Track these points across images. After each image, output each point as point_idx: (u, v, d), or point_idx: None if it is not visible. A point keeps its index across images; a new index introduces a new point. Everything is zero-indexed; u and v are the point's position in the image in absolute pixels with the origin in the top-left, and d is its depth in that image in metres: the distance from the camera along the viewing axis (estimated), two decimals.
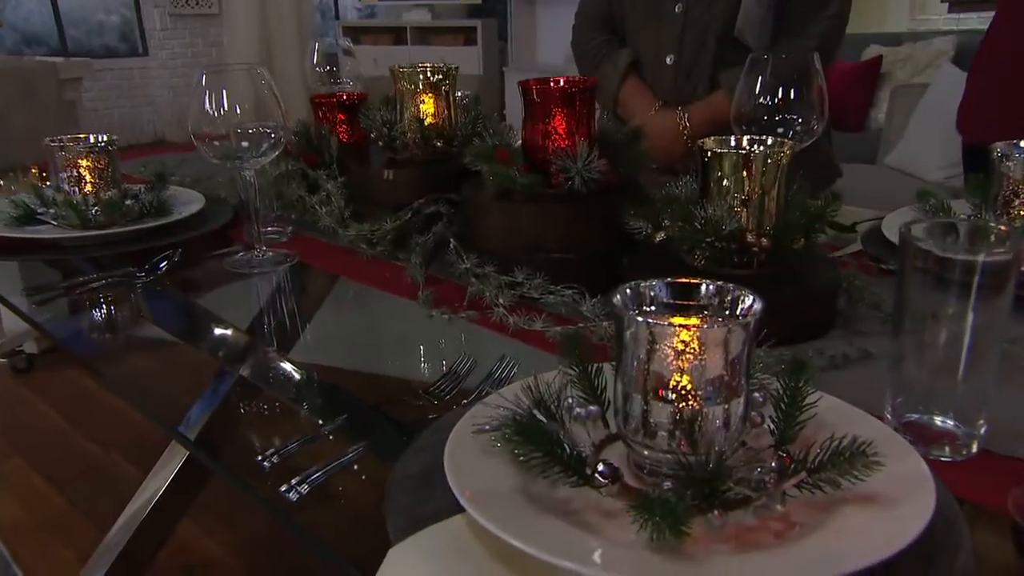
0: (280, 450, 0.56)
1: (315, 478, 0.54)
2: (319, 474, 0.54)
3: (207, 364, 0.77)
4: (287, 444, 0.57)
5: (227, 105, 0.88)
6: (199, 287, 0.97)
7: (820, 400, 0.53)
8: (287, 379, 0.72)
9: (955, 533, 0.45)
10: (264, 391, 0.70)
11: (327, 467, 0.54)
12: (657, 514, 0.41)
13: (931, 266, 0.53)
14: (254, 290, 0.94)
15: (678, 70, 1.39)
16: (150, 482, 1.43)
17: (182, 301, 0.93)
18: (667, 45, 1.40)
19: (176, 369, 0.78)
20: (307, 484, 0.53)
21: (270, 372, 0.73)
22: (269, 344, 0.80)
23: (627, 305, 0.49)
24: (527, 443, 0.46)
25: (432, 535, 0.43)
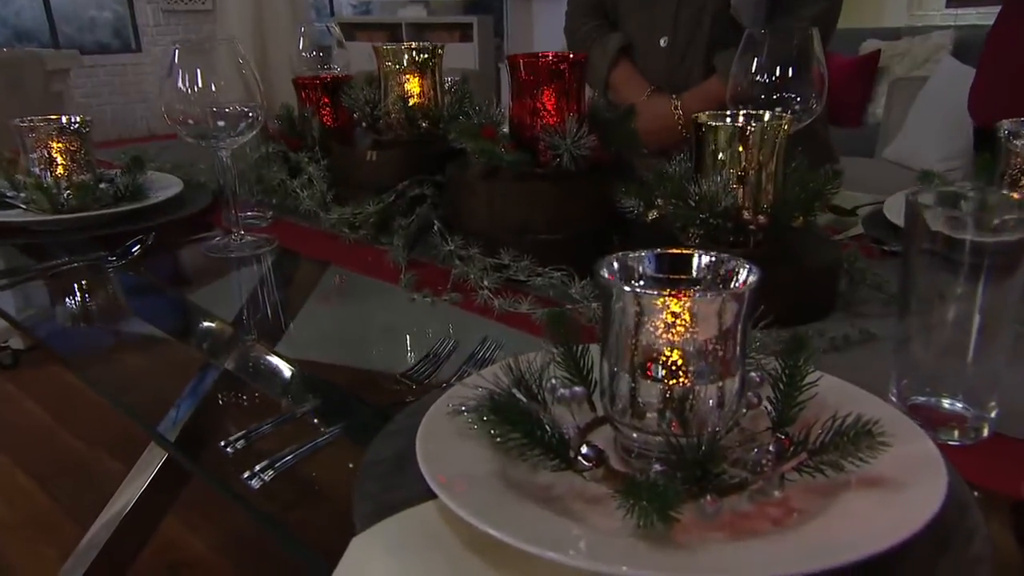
0: (246, 435, 0.53)
1: (281, 464, 0.50)
2: (286, 460, 0.50)
3: (182, 352, 0.73)
4: (253, 428, 0.53)
5: (201, 83, 0.84)
6: (175, 273, 0.93)
7: (821, 380, 0.50)
8: (262, 366, 0.68)
9: (968, 519, 0.41)
10: (240, 379, 0.66)
11: (294, 452, 0.51)
12: (644, 498, 0.37)
13: (939, 244, 0.50)
14: (231, 276, 0.90)
15: (672, 52, 1.36)
16: (132, 479, 1.39)
17: (158, 288, 0.89)
18: (660, 27, 1.37)
19: (152, 360, 0.74)
20: (272, 470, 0.50)
21: (246, 360, 0.70)
22: (245, 331, 0.76)
23: (613, 275, 0.45)
24: (504, 423, 0.42)
25: (399, 523, 0.40)
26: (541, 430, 0.43)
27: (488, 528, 0.37)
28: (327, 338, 0.72)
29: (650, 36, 1.39)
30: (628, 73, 1.39)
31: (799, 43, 0.91)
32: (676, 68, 1.35)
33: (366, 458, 0.48)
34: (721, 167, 0.71)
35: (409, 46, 0.99)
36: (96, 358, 0.77)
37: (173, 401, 0.62)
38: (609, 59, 1.39)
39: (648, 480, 0.39)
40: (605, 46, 1.40)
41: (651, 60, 1.39)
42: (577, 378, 0.50)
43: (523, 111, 0.83)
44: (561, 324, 0.52)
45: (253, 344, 0.71)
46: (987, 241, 0.49)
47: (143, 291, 0.88)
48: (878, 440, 0.41)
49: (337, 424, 0.55)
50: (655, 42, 1.38)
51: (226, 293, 0.86)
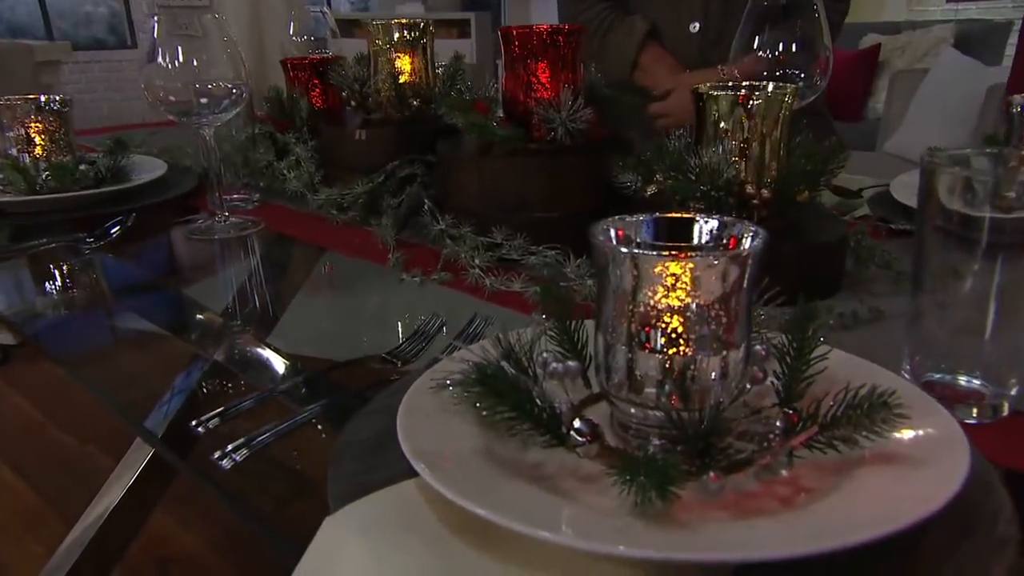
0: (221, 413, 0.50)
1: (256, 444, 0.47)
2: (261, 439, 0.47)
3: (167, 342, 0.70)
4: (231, 406, 0.50)
5: (182, 58, 0.81)
6: (157, 256, 0.90)
7: (831, 354, 0.47)
8: (249, 354, 0.64)
9: (993, 498, 0.38)
10: (228, 369, 0.62)
11: (269, 432, 0.47)
12: (642, 474, 0.34)
13: (955, 219, 0.47)
14: (215, 259, 0.87)
15: (704, 37, 1.31)
16: (119, 474, 1.36)
17: (140, 272, 0.86)
18: (688, 12, 1.33)
19: (137, 351, 0.70)
20: (246, 449, 0.47)
21: (233, 349, 0.66)
22: (227, 314, 0.73)
23: (609, 240, 0.42)
24: (491, 395, 0.39)
25: (375, 503, 0.37)
26: (531, 403, 0.40)
27: (472, 506, 0.34)
28: (312, 321, 0.69)
29: (678, 21, 1.34)
30: (659, 54, 1.34)
31: (803, 17, 0.88)
32: (710, 52, 1.30)
33: (343, 438, 0.45)
34: (723, 139, 0.68)
35: (400, 22, 0.95)
36: (80, 352, 0.73)
37: (161, 394, 0.58)
38: (637, 40, 1.33)
39: (646, 455, 0.36)
40: (631, 27, 1.35)
41: (682, 46, 1.33)
42: (571, 352, 0.47)
43: (516, 85, 0.80)
44: (554, 296, 0.49)
45: (238, 331, 0.68)
46: (1005, 217, 0.46)
47: (124, 275, 0.85)
48: (895, 413, 0.38)
49: (317, 403, 0.52)
50: (684, 27, 1.33)
51: (209, 277, 0.83)
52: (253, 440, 0.47)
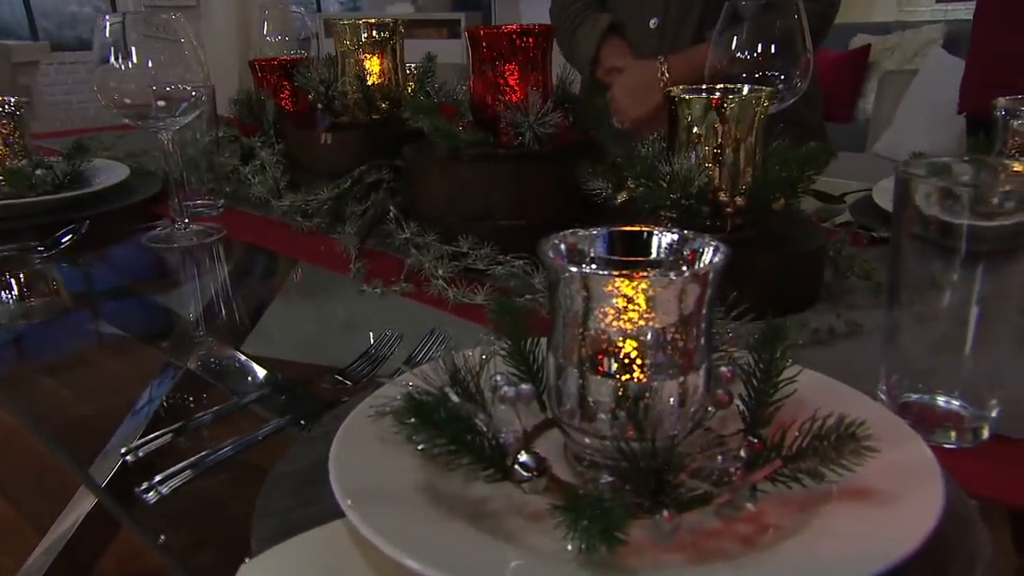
0: (147, 443, 0.46)
1: (185, 475, 0.44)
2: (189, 471, 0.44)
3: (114, 349, 0.67)
4: (153, 436, 0.47)
5: (136, 59, 0.78)
6: (109, 265, 0.86)
7: (800, 375, 0.44)
8: (215, 363, 0.61)
9: (970, 537, 0.36)
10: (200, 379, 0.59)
11: (198, 462, 0.44)
12: (586, 516, 0.31)
13: (932, 227, 0.44)
14: (170, 267, 0.84)
15: (663, 34, 1.31)
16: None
17: (87, 281, 0.83)
18: (650, 8, 1.32)
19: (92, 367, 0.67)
20: (177, 479, 0.44)
21: (185, 356, 0.63)
22: (177, 324, 0.69)
23: (560, 256, 0.39)
24: (428, 427, 0.36)
25: (300, 546, 0.33)
26: (472, 434, 0.37)
27: (402, 555, 0.31)
28: (264, 337, 0.66)
29: (640, 17, 1.34)
30: (618, 47, 1.34)
31: (783, 17, 0.85)
32: (667, 49, 1.30)
33: (277, 468, 0.42)
34: (695, 145, 0.65)
35: (368, 22, 0.92)
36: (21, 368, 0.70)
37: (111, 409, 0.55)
38: (598, 35, 1.34)
39: (592, 494, 0.33)
40: (595, 23, 1.36)
41: (641, 41, 1.34)
42: (526, 374, 0.44)
43: (484, 88, 0.77)
44: (509, 313, 0.45)
45: (178, 336, 0.65)
46: (985, 225, 0.43)
47: (74, 284, 0.81)
48: (863, 444, 0.35)
49: (251, 431, 0.48)
50: (645, 23, 1.34)
51: (162, 288, 0.80)
52: (179, 473, 0.44)
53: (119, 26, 0.78)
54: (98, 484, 0.45)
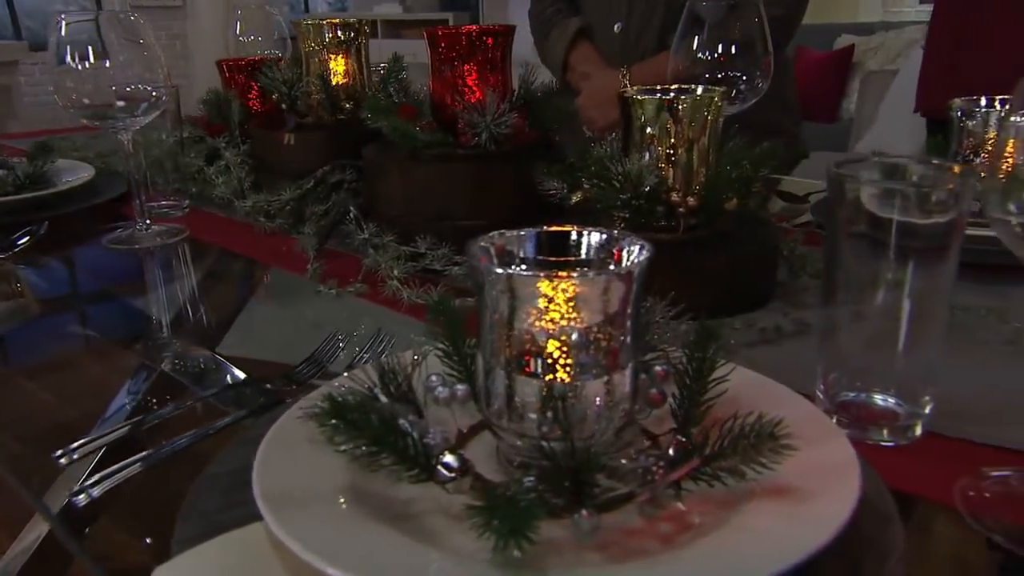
0: (81, 446, 0.46)
1: (117, 477, 0.44)
2: (122, 473, 0.44)
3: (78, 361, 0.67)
4: (87, 439, 0.47)
5: (93, 58, 0.77)
6: (70, 266, 0.86)
7: (736, 375, 0.44)
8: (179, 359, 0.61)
9: (888, 532, 0.36)
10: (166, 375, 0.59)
11: (131, 464, 0.44)
12: (497, 516, 0.31)
13: (865, 224, 0.44)
14: (131, 269, 0.83)
15: (626, 38, 1.32)
16: None
17: (44, 283, 0.82)
18: (616, 12, 1.33)
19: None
20: (108, 482, 0.44)
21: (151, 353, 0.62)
22: (129, 324, 0.69)
23: (485, 257, 0.39)
24: (349, 428, 0.36)
25: (216, 549, 0.33)
26: (395, 435, 0.37)
27: (316, 559, 0.31)
28: (216, 336, 0.65)
29: (606, 20, 1.35)
30: (587, 53, 1.36)
31: (743, 18, 0.85)
32: (630, 53, 1.31)
33: (208, 469, 0.42)
34: (648, 145, 0.66)
35: (332, 22, 0.92)
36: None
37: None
38: (567, 40, 1.36)
39: (507, 494, 0.33)
40: (565, 28, 1.38)
41: (606, 44, 1.36)
42: (463, 375, 0.44)
43: (443, 88, 0.77)
44: (445, 313, 0.46)
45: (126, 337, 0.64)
46: (916, 221, 0.44)
47: (37, 287, 0.81)
48: (782, 443, 0.35)
49: (189, 432, 0.48)
50: (610, 27, 1.35)
51: (121, 290, 0.79)
52: (112, 475, 0.44)
53: (76, 26, 0.78)
54: (31, 490, 0.44)
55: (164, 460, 0.46)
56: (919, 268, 0.44)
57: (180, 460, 0.46)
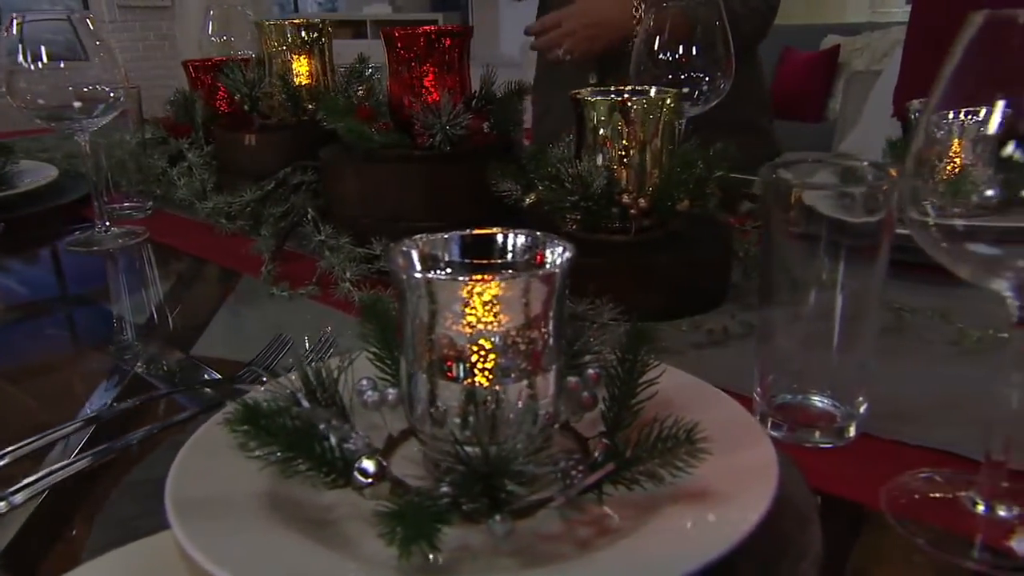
0: (11, 451, 0.46)
1: (39, 484, 0.43)
2: (45, 480, 0.43)
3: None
4: (18, 445, 0.46)
5: (46, 59, 0.77)
6: (27, 267, 0.85)
7: (671, 378, 0.44)
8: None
9: (806, 533, 0.36)
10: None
11: (55, 471, 0.44)
12: (402, 523, 0.31)
13: (798, 224, 0.44)
14: (89, 271, 0.83)
15: None
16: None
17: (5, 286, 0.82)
18: None
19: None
20: (33, 488, 0.43)
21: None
22: (93, 327, 0.69)
23: (406, 261, 0.39)
24: (262, 434, 0.36)
25: (122, 557, 0.33)
26: (312, 441, 0.36)
27: (216, 568, 0.31)
28: (164, 339, 0.65)
29: None
30: None
31: (704, 17, 0.85)
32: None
33: (132, 475, 0.41)
34: (600, 146, 0.65)
35: (294, 23, 0.92)
36: None
37: None
38: None
39: (416, 499, 0.33)
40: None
41: None
42: (395, 378, 0.44)
43: (400, 89, 0.76)
44: (377, 313, 0.45)
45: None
46: (850, 220, 0.44)
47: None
48: (698, 447, 0.35)
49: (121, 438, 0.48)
50: None
51: (75, 291, 0.79)
52: (36, 481, 0.43)
53: (31, 26, 0.77)
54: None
55: (92, 467, 0.45)
56: (851, 268, 0.44)
57: (114, 465, 0.46)
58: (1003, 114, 0.32)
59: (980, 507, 0.37)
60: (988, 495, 0.37)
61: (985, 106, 0.33)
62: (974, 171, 0.33)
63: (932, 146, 0.34)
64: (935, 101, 0.34)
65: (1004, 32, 0.32)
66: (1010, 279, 0.33)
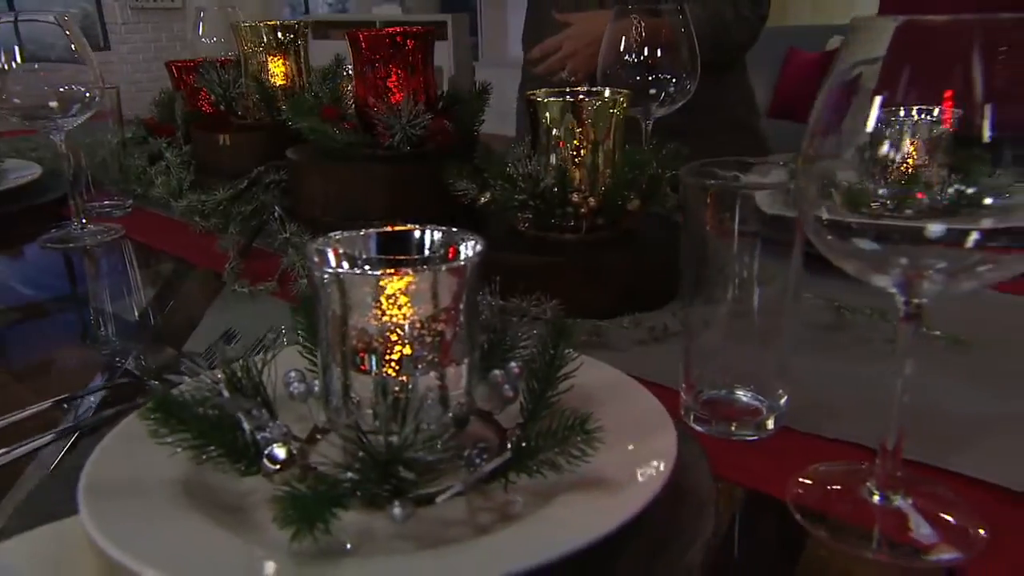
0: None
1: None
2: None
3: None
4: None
5: (20, 58, 0.79)
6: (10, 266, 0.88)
7: (593, 372, 0.45)
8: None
9: (700, 522, 0.37)
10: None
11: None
12: (294, 507, 0.32)
13: (714, 223, 0.45)
14: (52, 267, 0.85)
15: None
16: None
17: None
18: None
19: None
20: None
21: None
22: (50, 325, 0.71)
23: (318, 257, 0.40)
24: (173, 422, 0.37)
25: (30, 541, 0.34)
26: (224, 430, 0.38)
27: (105, 543, 0.32)
28: (123, 333, 0.67)
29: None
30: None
31: (669, 20, 0.86)
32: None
33: (63, 463, 0.43)
34: (553, 147, 0.67)
35: (270, 24, 0.93)
36: None
37: None
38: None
39: (312, 486, 0.34)
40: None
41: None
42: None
43: (365, 90, 0.78)
44: (310, 307, 0.47)
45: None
46: (763, 217, 0.44)
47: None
48: (592, 436, 0.36)
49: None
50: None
51: (33, 287, 0.80)
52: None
53: (6, 27, 0.79)
54: None
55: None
56: (767, 264, 0.45)
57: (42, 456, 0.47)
58: (877, 118, 0.33)
59: (876, 497, 0.38)
60: (883, 485, 0.38)
61: (864, 108, 0.33)
62: (849, 170, 0.34)
63: (812, 142, 0.35)
64: (818, 104, 0.35)
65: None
66: (895, 276, 0.34)
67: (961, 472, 0.41)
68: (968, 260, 0.33)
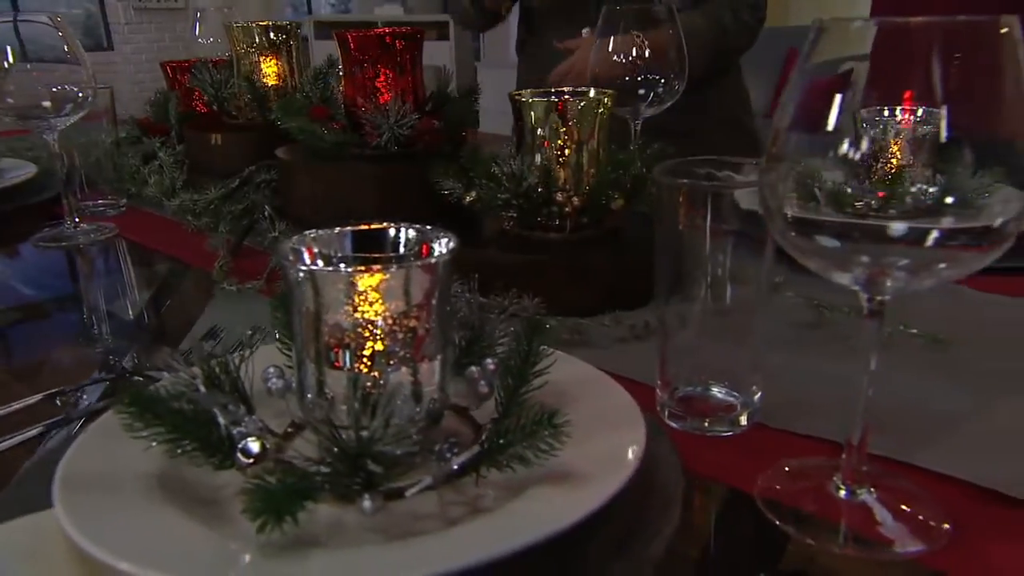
0: None
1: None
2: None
3: None
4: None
5: (12, 58, 0.80)
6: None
7: (569, 368, 0.46)
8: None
9: (666, 516, 0.37)
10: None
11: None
12: (257, 499, 0.33)
13: (686, 221, 0.46)
14: (46, 266, 0.85)
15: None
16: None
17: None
18: (580, 22, 1.31)
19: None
20: None
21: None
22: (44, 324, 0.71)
23: (293, 255, 0.41)
24: (148, 417, 0.38)
25: (6, 533, 0.35)
26: (198, 424, 0.38)
27: (78, 536, 0.33)
28: (117, 330, 0.67)
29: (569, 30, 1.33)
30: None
31: (657, 21, 0.87)
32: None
33: (44, 456, 0.44)
34: (537, 146, 0.67)
35: (262, 24, 0.94)
36: None
37: None
38: None
39: (283, 479, 0.35)
40: None
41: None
42: None
43: (354, 90, 0.79)
44: (285, 306, 0.47)
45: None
46: (735, 214, 0.45)
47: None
48: (560, 430, 0.37)
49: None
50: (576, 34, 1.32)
51: (41, 287, 0.81)
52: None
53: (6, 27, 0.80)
54: None
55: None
56: (741, 262, 0.45)
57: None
58: (836, 119, 0.33)
59: (842, 492, 0.39)
60: (849, 480, 0.39)
61: (826, 109, 0.34)
62: (813, 169, 0.35)
63: (776, 141, 0.35)
64: (783, 103, 0.36)
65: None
66: (857, 273, 0.35)
67: (928, 468, 0.42)
68: (928, 258, 0.33)
